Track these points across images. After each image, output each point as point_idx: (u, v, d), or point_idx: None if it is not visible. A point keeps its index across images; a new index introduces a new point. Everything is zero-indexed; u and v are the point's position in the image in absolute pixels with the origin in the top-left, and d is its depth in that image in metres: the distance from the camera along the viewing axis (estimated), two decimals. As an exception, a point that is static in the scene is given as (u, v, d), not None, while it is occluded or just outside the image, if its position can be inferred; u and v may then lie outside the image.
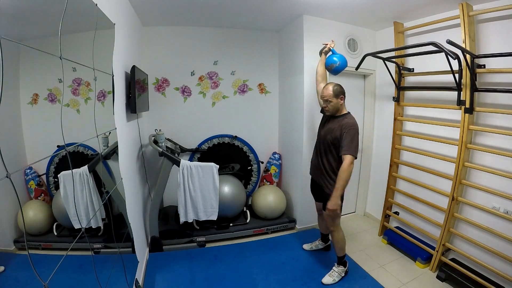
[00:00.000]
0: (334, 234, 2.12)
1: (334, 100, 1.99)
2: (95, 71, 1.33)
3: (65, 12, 1.00)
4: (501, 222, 1.92)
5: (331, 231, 2.13)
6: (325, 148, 2.07)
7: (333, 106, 2.01)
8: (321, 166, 2.11)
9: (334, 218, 2.07)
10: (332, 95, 1.98)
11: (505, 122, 1.90)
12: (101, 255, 1.35)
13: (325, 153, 2.07)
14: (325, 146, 2.07)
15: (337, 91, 1.99)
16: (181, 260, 2.42)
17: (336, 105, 2.01)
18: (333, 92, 1.98)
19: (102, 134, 1.45)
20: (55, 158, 1.04)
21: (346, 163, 1.86)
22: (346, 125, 1.93)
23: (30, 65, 0.91)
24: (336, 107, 2.01)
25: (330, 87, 2.00)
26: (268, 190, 3.04)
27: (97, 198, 1.31)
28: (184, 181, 2.33)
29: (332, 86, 2.00)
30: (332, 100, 1.99)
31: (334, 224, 2.10)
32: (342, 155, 1.90)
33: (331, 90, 1.99)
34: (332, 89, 1.99)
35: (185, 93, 3.09)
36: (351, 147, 1.88)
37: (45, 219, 1.13)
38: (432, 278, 2.21)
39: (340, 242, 2.14)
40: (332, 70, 2.26)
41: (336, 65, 2.22)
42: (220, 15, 2.68)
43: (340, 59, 2.22)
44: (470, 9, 1.96)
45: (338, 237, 2.13)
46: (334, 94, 1.98)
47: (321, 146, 2.11)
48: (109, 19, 1.57)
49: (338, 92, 1.99)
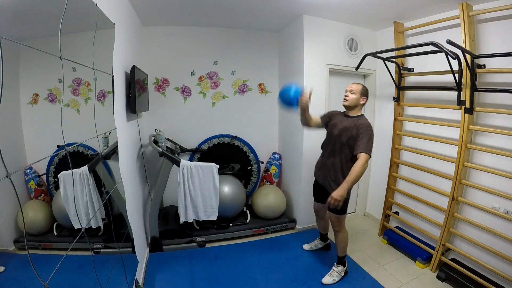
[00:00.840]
0: (339, 234, 2.11)
1: (358, 96, 2.00)
2: (95, 71, 1.33)
3: (65, 12, 0.99)
4: (501, 222, 1.92)
5: (336, 231, 2.11)
6: (338, 147, 2.01)
7: (353, 100, 2.01)
8: (330, 166, 2.06)
9: (339, 219, 2.06)
10: (359, 90, 2.01)
11: (505, 122, 1.90)
12: (101, 255, 1.35)
13: (338, 153, 2.02)
14: (338, 145, 2.01)
15: (364, 90, 2.03)
16: (181, 260, 2.42)
17: (357, 101, 2.01)
18: (361, 89, 2.02)
19: (102, 134, 1.45)
20: (55, 158, 1.04)
21: (362, 160, 1.85)
22: (363, 125, 1.92)
23: (30, 65, 0.91)
24: (356, 103, 2.01)
25: (360, 85, 2.04)
26: (268, 190, 3.04)
27: (97, 198, 1.31)
28: (184, 181, 2.33)
29: (362, 85, 2.05)
30: (357, 94, 2.00)
31: (340, 225, 2.08)
32: (358, 154, 1.88)
33: (360, 87, 2.03)
34: (362, 87, 2.03)
35: (185, 93, 3.09)
36: (367, 147, 1.87)
37: (45, 219, 1.13)
38: (432, 278, 2.21)
39: (344, 242, 2.14)
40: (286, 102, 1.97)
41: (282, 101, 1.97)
42: (220, 15, 2.68)
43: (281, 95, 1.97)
44: (470, 9, 1.96)
45: (343, 237, 2.12)
46: (361, 91, 2.01)
47: (335, 145, 2.04)
48: (109, 19, 1.57)
49: (364, 91, 2.03)
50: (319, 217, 2.44)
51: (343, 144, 1.98)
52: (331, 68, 2.83)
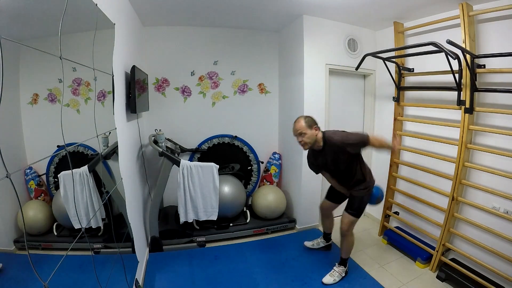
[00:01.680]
0: (347, 238, 2.12)
1: (309, 132, 1.89)
2: (95, 71, 1.33)
3: (65, 12, 1.00)
4: (501, 222, 1.92)
5: (345, 235, 2.11)
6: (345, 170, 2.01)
7: (309, 138, 1.90)
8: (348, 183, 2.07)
9: (351, 222, 2.07)
10: (304, 127, 1.89)
11: (505, 122, 1.90)
12: (101, 255, 1.35)
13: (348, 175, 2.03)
14: (344, 169, 2.01)
15: (308, 122, 1.91)
16: (181, 260, 2.42)
17: (312, 136, 1.90)
18: (305, 124, 1.89)
19: (102, 134, 1.45)
20: (55, 158, 1.04)
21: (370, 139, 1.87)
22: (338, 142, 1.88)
23: (30, 65, 0.91)
24: (313, 138, 1.91)
25: (302, 120, 1.92)
26: (268, 190, 3.04)
27: (97, 198, 1.31)
28: (184, 181, 2.33)
29: (303, 118, 1.93)
30: (306, 132, 1.89)
31: (349, 228, 2.09)
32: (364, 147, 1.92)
33: (303, 123, 1.90)
34: (304, 121, 1.90)
35: (185, 93, 3.09)
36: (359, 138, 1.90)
37: (45, 219, 1.13)
38: (432, 278, 2.21)
39: (350, 246, 2.15)
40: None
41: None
42: (220, 15, 2.68)
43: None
44: (470, 9, 1.96)
45: (350, 240, 2.14)
46: (307, 125, 1.89)
47: (341, 173, 2.05)
48: (109, 19, 1.57)
49: (310, 122, 1.91)
50: (325, 216, 2.44)
51: (346, 167, 1.99)
52: (331, 68, 2.83)
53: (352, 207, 2.06)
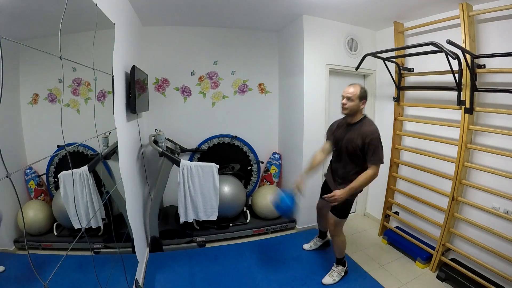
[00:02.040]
0: (335, 238, 2.11)
1: (357, 102, 1.88)
2: (95, 71, 1.33)
3: (65, 12, 1.00)
4: (501, 222, 1.93)
5: (332, 235, 2.11)
6: (345, 157, 1.99)
7: (352, 107, 1.89)
8: (340, 173, 2.06)
9: (338, 223, 2.06)
10: (357, 95, 1.86)
11: (505, 122, 1.90)
12: (101, 255, 1.35)
13: (347, 163, 2.00)
14: (345, 155, 1.99)
15: (363, 93, 1.89)
16: (181, 260, 2.42)
17: (356, 107, 1.89)
18: (359, 93, 1.87)
19: (102, 134, 1.45)
20: (55, 158, 1.04)
21: (371, 171, 1.83)
22: (367, 134, 1.83)
23: (30, 65, 0.91)
24: (355, 109, 1.90)
25: (358, 87, 1.89)
26: (268, 190, 3.04)
27: (97, 198, 1.31)
28: (184, 181, 2.33)
29: (359, 86, 1.90)
30: (355, 100, 1.87)
31: (336, 229, 2.08)
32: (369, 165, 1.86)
33: (358, 90, 1.87)
34: (360, 89, 1.88)
35: (185, 93, 3.09)
36: (376, 157, 1.83)
37: (45, 219, 1.13)
38: (432, 278, 2.21)
39: (341, 247, 2.14)
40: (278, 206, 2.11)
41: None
42: (220, 15, 2.68)
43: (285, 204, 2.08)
44: (470, 9, 1.96)
45: (339, 241, 2.12)
46: (360, 95, 1.87)
47: (343, 156, 2.02)
48: (109, 19, 1.57)
49: (363, 94, 1.89)
50: (320, 215, 2.44)
51: (351, 154, 1.95)
52: (331, 68, 2.83)
53: (335, 208, 2.04)
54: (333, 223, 2.07)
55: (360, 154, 1.90)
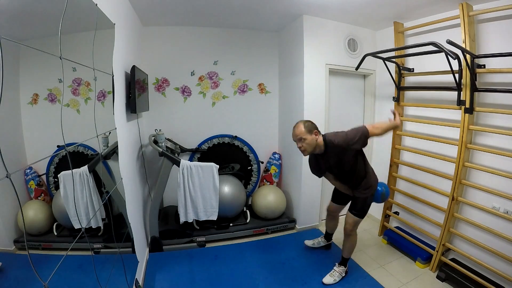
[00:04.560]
0: (351, 237, 2.12)
1: (309, 138, 1.82)
2: (95, 71, 1.33)
3: (65, 12, 0.99)
4: (501, 222, 1.92)
5: (348, 234, 2.11)
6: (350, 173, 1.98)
7: (309, 144, 1.83)
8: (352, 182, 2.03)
9: (356, 222, 2.07)
10: (304, 132, 1.82)
11: (505, 122, 1.90)
12: (101, 255, 1.35)
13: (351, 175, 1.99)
14: (349, 172, 1.97)
15: (308, 127, 1.83)
16: (181, 260, 2.42)
17: (312, 141, 1.83)
18: (304, 129, 1.82)
19: (102, 134, 1.45)
20: (55, 158, 1.04)
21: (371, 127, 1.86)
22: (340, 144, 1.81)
23: (30, 65, 0.91)
24: (313, 144, 1.83)
25: (301, 125, 1.84)
26: (268, 190, 3.04)
27: (97, 198, 1.31)
28: (184, 181, 2.33)
29: (302, 123, 1.86)
30: (306, 137, 1.82)
31: (354, 228, 2.09)
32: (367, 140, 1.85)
33: (302, 128, 1.83)
34: (303, 126, 1.83)
35: (185, 93, 3.09)
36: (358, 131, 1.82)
37: (45, 219, 1.13)
38: (432, 278, 2.21)
39: (353, 246, 2.16)
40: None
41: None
42: (220, 15, 2.68)
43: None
44: (470, 9, 1.96)
45: (353, 241, 2.14)
46: (306, 130, 1.82)
47: (344, 174, 2.00)
48: (109, 19, 1.57)
49: (309, 128, 1.83)
50: (330, 217, 2.44)
51: (351, 169, 1.95)
52: (331, 68, 2.83)
53: (355, 208, 2.06)
54: (352, 223, 2.07)
55: (355, 161, 1.93)
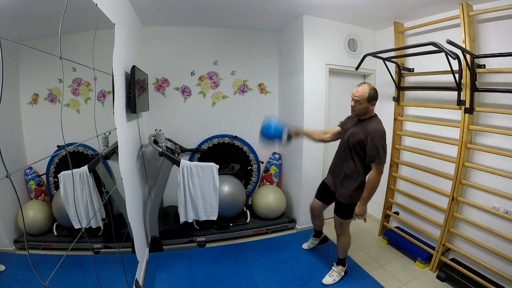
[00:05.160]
0: (341, 237, 2.11)
1: (365, 104, 1.84)
2: (95, 71, 1.33)
3: (65, 12, 0.99)
4: (501, 222, 1.92)
5: (339, 234, 2.11)
6: (346, 151, 1.96)
7: (361, 110, 1.87)
8: (339, 169, 2.02)
9: (342, 223, 2.05)
10: (366, 98, 1.81)
11: (505, 122, 1.90)
12: (101, 255, 1.35)
13: (347, 158, 1.96)
14: (347, 149, 1.95)
15: (371, 95, 1.82)
16: (181, 260, 2.42)
17: (365, 109, 1.86)
18: (367, 95, 1.81)
19: (102, 134, 1.45)
20: (55, 158, 1.04)
21: (375, 172, 1.81)
22: (370, 130, 1.80)
23: (30, 65, 0.91)
24: (364, 111, 1.88)
25: (367, 88, 1.82)
26: (268, 190, 3.04)
27: (97, 198, 1.31)
28: (184, 181, 2.33)
29: (368, 87, 1.83)
30: (363, 103, 1.83)
31: (342, 228, 2.08)
32: (371, 164, 1.84)
33: (367, 93, 1.81)
34: (368, 91, 1.81)
35: (185, 93, 3.09)
36: (378, 155, 1.78)
37: (45, 219, 1.13)
38: (432, 278, 2.21)
39: (345, 246, 2.14)
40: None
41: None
42: (220, 15, 2.68)
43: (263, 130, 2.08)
44: (470, 9, 1.96)
45: (345, 240, 2.12)
46: (368, 97, 1.81)
47: (344, 150, 1.98)
48: (109, 19, 1.57)
49: (372, 96, 1.83)
50: (314, 216, 2.41)
51: (350, 148, 1.92)
52: (331, 68, 2.83)
53: (338, 211, 2.06)
54: (338, 224, 2.08)
55: (359, 150, 1.88)
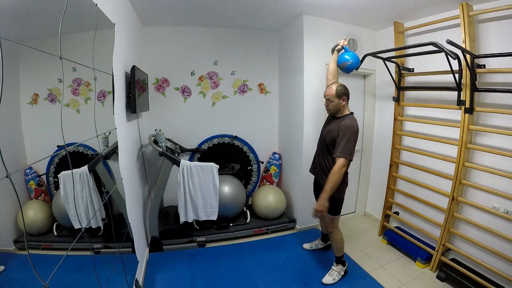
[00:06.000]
0: (333, 235, 2.13)
1: (336, 100, 1.97)
2: (95, 71, 1.33)
3: (65, 12, 1.00)
4: (501, 222, 1.92)
5: (330, 232, 2.13)
6: (324, 148, 2.07)
7: (334, 106, 2.00)
8: (321, 166, 2.11)
9: (332, 220, 2.07)
10: (334, 95, 1.96)
11: (505, 122, 1.90)
12: (101, 255, 1.35)
13: (324, 154, 2.07)
14: (324, 146, 2.07)
15: (340, 91, 1.96)
16: (181, 260, 2.42)
17: (338, 105, 1.99)
18: (335, 92, 1.96)
19: (102, 134, 1.45)
20: (55, 158, 1.04)
21: (338, 165, 1.84)
22: (343, 126, 1.90)
23: (30, 65, 0.91)
24: (337, 107, 1.99)
25: (334, 87, 1.98)
26: (268, 190, 3.04)
27: (97, 198, 1.31)
28: (184, 181, 2.33)
29: (335, 86, 1.98)
30: (334, 100, 1.97)
31: (333, 225, 2.10)
32: (335, 157, 1.88)
33: (334, 90, 1.96)
34: (336, 89, 1.96)
35: (185, 93, 3.09)
36: (345, 150, 1.84)
37: (45, 219, 1.13)
38: (432, 278, 2.21)
39: (338, 243, 2.15)
40: (345, 68, 2.17)
41: (348, 63, 2.14)
42: (220, 15, 2.68)
43: (353, 57, 2.15)
44: (470, 9, 1.96)
45: (337, 238, 2.14)
46: (337, 94, 1.96)
47: (321, 146, 2.11)
48: (109, 19, 1.57)
49: (341, 92, 1.96)
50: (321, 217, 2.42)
51: (328, 146, 2.02)
52: (331, 68, 2.82)
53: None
54: (328, 220, 2.10)
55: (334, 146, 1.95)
